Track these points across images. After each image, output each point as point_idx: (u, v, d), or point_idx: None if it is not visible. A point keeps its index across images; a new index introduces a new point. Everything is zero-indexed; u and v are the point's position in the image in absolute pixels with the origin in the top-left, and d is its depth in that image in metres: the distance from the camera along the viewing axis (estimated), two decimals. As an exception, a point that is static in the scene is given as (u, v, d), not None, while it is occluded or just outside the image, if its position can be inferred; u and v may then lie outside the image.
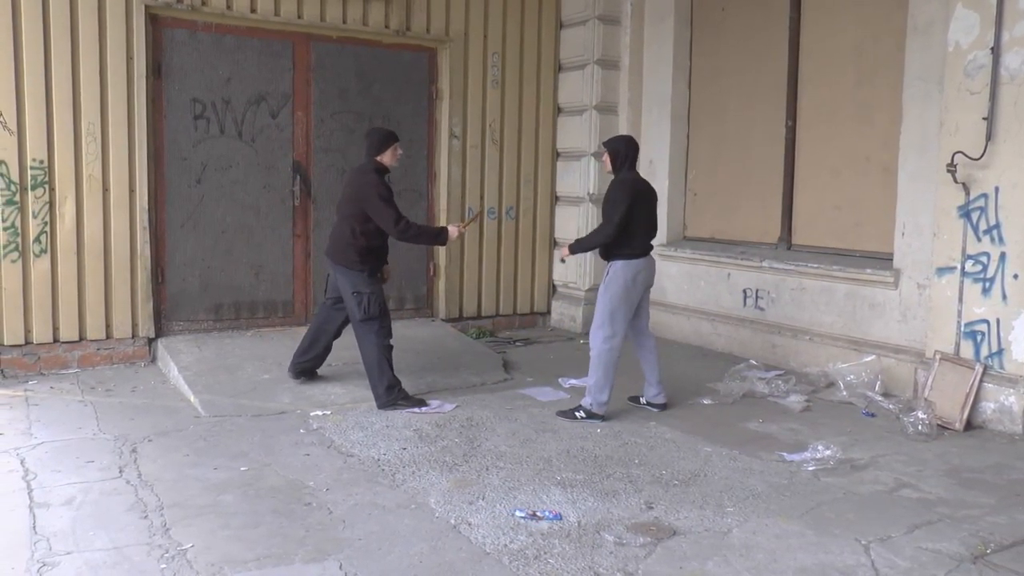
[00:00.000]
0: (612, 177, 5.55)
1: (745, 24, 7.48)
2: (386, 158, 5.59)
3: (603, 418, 5.39)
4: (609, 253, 5.46)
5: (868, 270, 6.27)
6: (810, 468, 4.57)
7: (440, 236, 5.79)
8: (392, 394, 5.55)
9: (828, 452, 4.71)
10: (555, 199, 8.51)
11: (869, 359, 6.11)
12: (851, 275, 6.38)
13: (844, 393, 5.93)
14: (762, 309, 7.10)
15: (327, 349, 5.95)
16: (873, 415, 5.60)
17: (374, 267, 5.62)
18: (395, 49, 7.55)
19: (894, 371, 6.00)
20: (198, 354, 6.40)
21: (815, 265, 6.65)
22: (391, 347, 5.60)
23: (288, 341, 6.52)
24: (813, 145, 6.90)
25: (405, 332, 7.33)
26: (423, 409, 5.54)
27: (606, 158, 5.56)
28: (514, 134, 8.21)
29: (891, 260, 6.16)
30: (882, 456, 4.81)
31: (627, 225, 5.35)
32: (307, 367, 5.96)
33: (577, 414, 5.41)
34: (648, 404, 5.68)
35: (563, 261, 5.71)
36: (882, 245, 6.30)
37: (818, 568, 3.44)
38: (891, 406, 5.63)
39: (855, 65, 6.55)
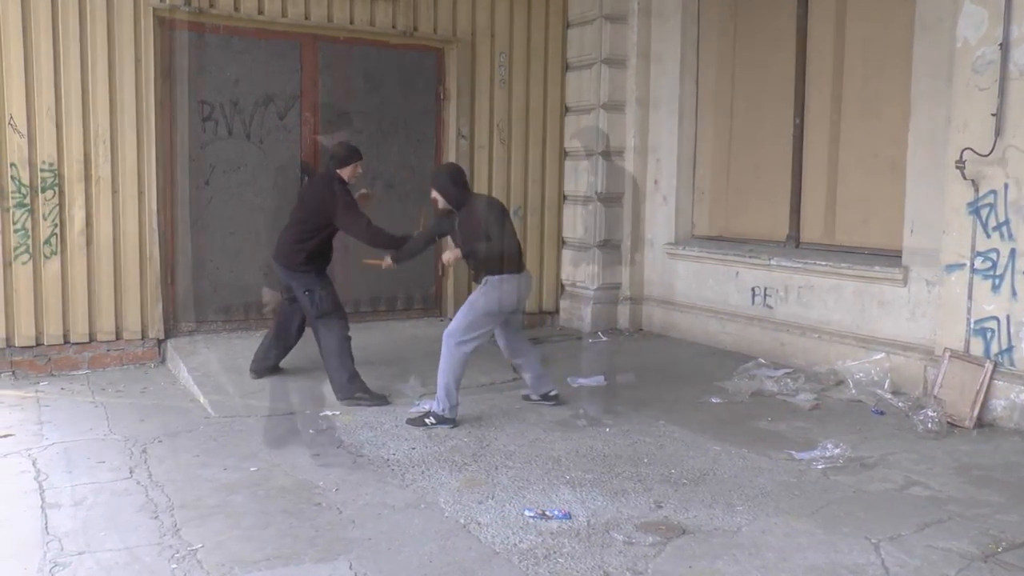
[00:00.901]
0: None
1: (752, 21, 7.46)
2: (346, 173, 5.69)
3: (454, 422, 5.19)
4: (486, 270, 5.31)
5: (877, 267, 6.25)
6: (819, 466, 4.57)
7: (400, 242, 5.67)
8: (354, 384, 5.60)
9: (837, 450, 4.70)
10: (563, 198, 8.51)
11: (878, 357, 6.08)
12: (859, 272, 6.36)
13: (853, 391, 5.91)
14: (770, 307, 7.08)
15: (287, 348, 6.06)
16: (882, 413, 5.58)
17: (321, 267, 5.72)
18: (402, 49, 7.56)
19: (903, 369, 5.98)
20: (207, 355, 6.42)
21: (823, 263, 6.64)
22: (349, 339, 5.68)
23: (299, 341, 6.52)
24: (821, 142, 6.88)
25: (414, 332, 7.35)
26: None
27: (436, 196, 5.37)
28: (522, 134, 8.20)
29: (900, 257, 6.14)
30: (892, 454, 4.80)
31: (500, 243, 5.30)
32: (271, 365, 6.05)
33: (427, 420, 5.18)
34: (544, 398, 5.65)
35: (383, 267, 5.69)
36: (890, 242, 6.27)
37: (828, 567, 3.44)
38: (900, 404, 5.61)
39: (863, 62, 6.53)
